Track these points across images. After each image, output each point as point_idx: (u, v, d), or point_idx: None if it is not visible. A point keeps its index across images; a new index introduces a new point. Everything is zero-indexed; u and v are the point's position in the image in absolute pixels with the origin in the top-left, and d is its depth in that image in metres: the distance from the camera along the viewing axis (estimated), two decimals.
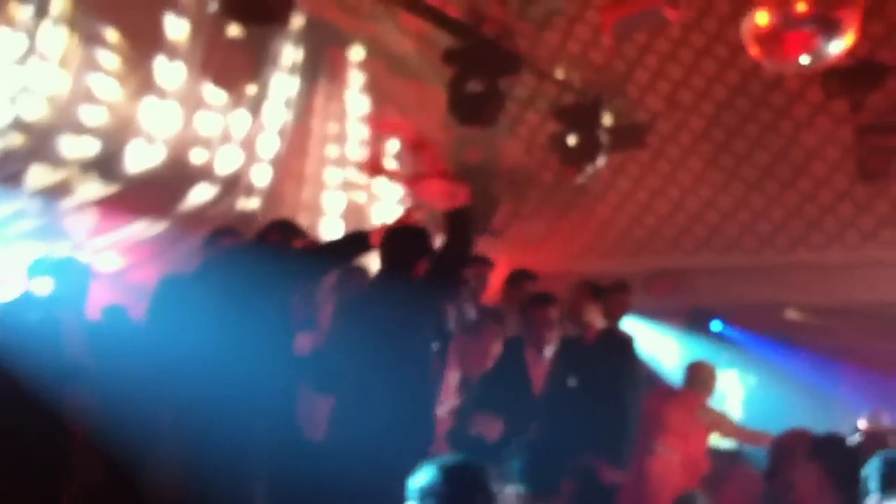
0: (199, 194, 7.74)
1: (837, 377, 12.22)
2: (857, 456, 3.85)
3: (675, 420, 7.57)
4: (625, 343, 6.85)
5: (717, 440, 8.45)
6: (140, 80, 7.17)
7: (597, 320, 6.50)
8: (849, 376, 12.45)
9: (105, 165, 7.10)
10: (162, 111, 7.33)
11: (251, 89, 8.13)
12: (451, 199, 4.87)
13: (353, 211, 9.13)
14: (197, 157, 7.74)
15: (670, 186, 10.28)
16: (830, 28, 6.04)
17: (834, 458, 3.84)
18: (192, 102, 7.60)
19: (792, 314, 11.15)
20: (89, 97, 6.91)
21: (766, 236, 10.17)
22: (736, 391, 12.65)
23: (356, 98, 9.15)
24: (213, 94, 7.79)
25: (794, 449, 4.46)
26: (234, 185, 7.92)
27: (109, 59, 6.98)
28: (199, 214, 7.61)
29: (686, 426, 7.61)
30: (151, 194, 7.19)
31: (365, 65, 9.20)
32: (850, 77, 8.15)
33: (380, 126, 5.70)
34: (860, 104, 8.52)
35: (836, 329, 11.51)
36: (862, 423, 7.07)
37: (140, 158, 7.26)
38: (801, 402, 11.50)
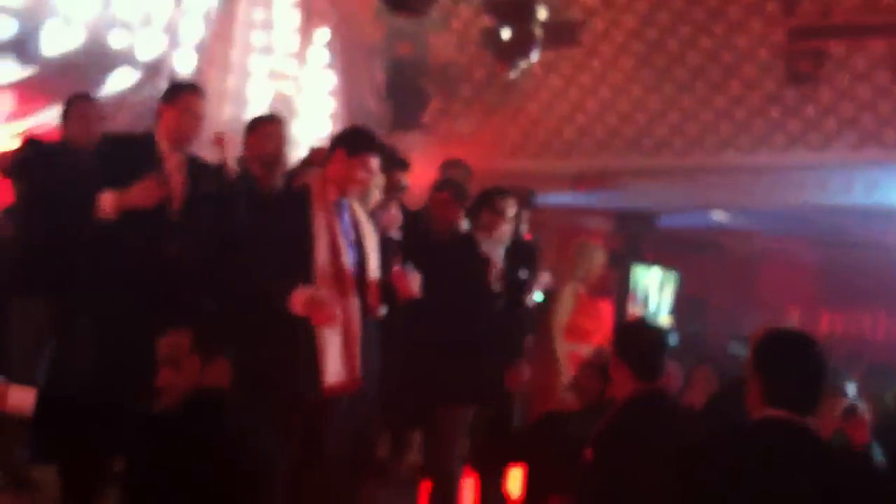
0: (120, 80, 7.53)
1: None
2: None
3: None
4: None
5: None
6: None
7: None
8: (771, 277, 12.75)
9: (21, 46, 6.87)
10: None
11: None
12: None
13: (280, 102, 8.96)
14: (117, 40, 7.50)
15: (602, 86, 10.22)
16: None
17: None
18: None
19: (718, 215, 11.32)
20: None
21: (695, 138, 10.19)
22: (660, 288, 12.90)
23: None
24: None
25: None
26: (155, 70, 7.70)
27: None
28: (120, 101, 7.39)
29: None
30: (69, 78, 6.95)
31: None
32: None
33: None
34: (792, 6, 8.49)
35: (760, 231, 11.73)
36: None
37: (57, 40, 7.01)
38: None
